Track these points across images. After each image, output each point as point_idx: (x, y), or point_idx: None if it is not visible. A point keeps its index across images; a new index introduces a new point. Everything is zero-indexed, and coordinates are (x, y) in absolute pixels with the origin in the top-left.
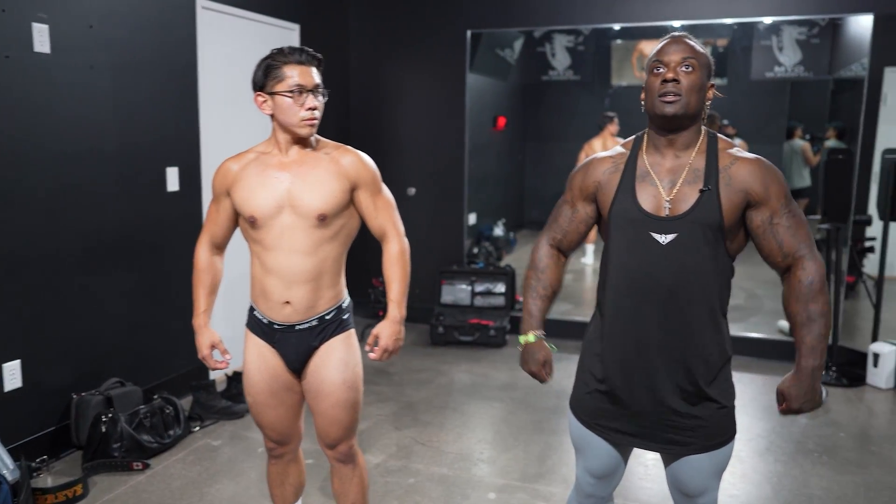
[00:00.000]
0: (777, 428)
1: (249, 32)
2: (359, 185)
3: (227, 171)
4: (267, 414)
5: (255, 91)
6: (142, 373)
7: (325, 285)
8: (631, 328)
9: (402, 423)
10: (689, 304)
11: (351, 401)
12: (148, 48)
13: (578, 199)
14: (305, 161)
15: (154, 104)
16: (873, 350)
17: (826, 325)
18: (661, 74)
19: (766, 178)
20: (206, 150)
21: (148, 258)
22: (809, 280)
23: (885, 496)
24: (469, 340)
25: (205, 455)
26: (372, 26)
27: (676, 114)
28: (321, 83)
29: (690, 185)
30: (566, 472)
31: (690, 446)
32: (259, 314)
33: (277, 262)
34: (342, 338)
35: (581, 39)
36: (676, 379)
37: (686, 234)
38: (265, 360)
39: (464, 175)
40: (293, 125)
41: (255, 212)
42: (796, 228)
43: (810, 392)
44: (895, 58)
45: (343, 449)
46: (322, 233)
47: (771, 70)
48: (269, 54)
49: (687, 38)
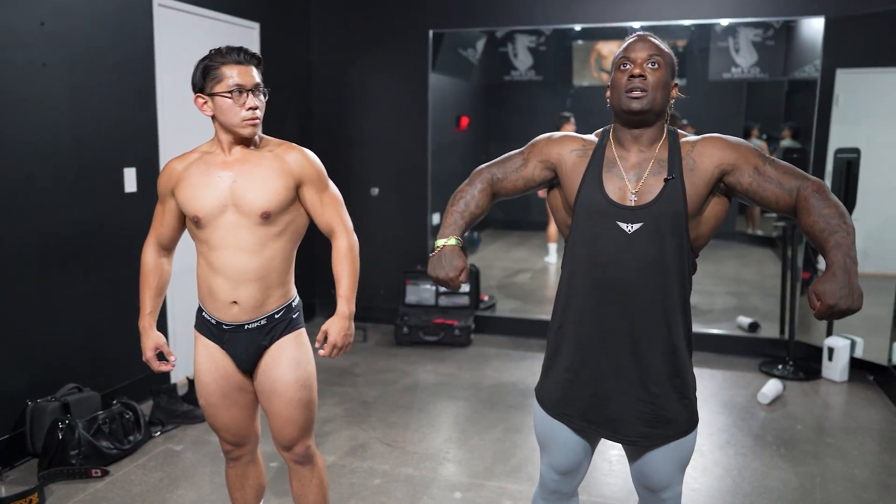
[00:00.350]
0: (737, 422)
1: (208, 31)
2: (304, 182)
3: (171, 172)
4: (221, 416)
5: (195, 93)
6: (100, 378)
7: (272, 284)
8: (596, 317)
9: (368, 424)
10: (654, 294)
11: (305, 399)
12: (103, 46)
13: (534, 158)
14: (248, 159)
15: (110, 104)
16: (828, 344)
17: (846, 224)
18: (627, 70)
19: (732, 143)
20: (164, 151)
21: (105, 260)
22: (814, 192)
23: (840, 486)
24: (434, 340)
25: (166, 460)
26: (333, 25)
27: (643, 109)
28: (261, 82)
29: (655, 177)
30: (532, 470)
31: (654, 437)
32: (207, 315)
33: (223, 262)
34: (292, 337)
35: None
36: (641, 368)
37: (651, 224)
38: (215, 361)
39: (427, 175)
40: (234, 125)
41: (198, 211)
42: (784, 167)
43: (847, 287)
44: (846, 60)
45: (300, 450)
46: (267, 231)
47: (728, 71)
48: (206, 55)
49: (652, 37)
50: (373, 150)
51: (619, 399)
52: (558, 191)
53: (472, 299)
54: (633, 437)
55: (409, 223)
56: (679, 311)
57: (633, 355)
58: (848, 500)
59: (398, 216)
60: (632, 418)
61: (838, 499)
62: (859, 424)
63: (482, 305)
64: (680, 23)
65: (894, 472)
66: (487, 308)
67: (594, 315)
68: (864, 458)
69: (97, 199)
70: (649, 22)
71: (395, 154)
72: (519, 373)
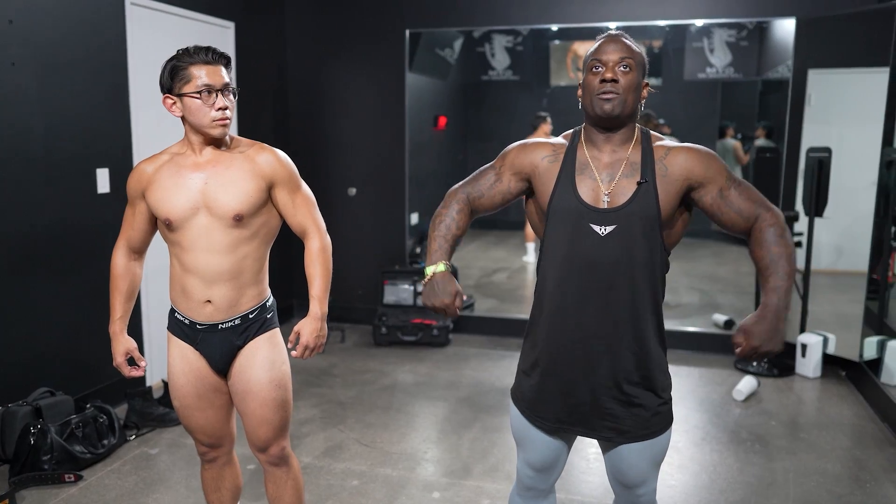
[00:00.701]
0: (713, 419)
1: (182, 30)
2: (276, 183)
3: (141, 174)
4: (195, 417)
5: (164, 93)
6: (73, 381)
7: (246, 283)
8: (571, 318)
9: (346, 425)
10: (627, 295)
11: (279, 400)
12: (74, 45)
13: (507, 171)
14: (220, 161)
15: (82, 103)
16: (801, 341)
17: (790, 267)
18: (599, 73)
19: (704, 159)
20: (138, 151)
21: (78, 262)
22: (770, 226)
23: (813, 480)
24: (412, 340)
25: (141, 464)
26: (309, 25)
27: (614, 112)
28: (230, 82)
29: (628, 179)
30: (510, 469)
31: (629, 434)
32: (180, 315)
33: (196, 262)
34: (266, 337)
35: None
36: (616, 368)
37: (624, 226)
38: (189, 362)
39: (405, 175)
40: (204, 126)
41: (169, 214)
42: (747, 192)
43: (772, 332)
44: (818, 60)
45: (275, 451)
46: (240, 232)
47: (703, 71)
48: (174, 55)
49: (623, 38)
50: (350, 150)
51: (593, 399)
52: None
53: None
54: (607, 436)
55: (386, 223)
56: (651, 311)
57: (607, 356)
58: (820, 494)
59: (376, 216)
60: (606, 417)
61: (811, 493)
62: (831, 420)
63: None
64: (655, 23)
65: (865, 466)
66: (466, 308)
67: (568, 316)
68: (836, 453)
69: (69, 199)
70: (625, 22)
71: (373, 154)
72: (497, 372)
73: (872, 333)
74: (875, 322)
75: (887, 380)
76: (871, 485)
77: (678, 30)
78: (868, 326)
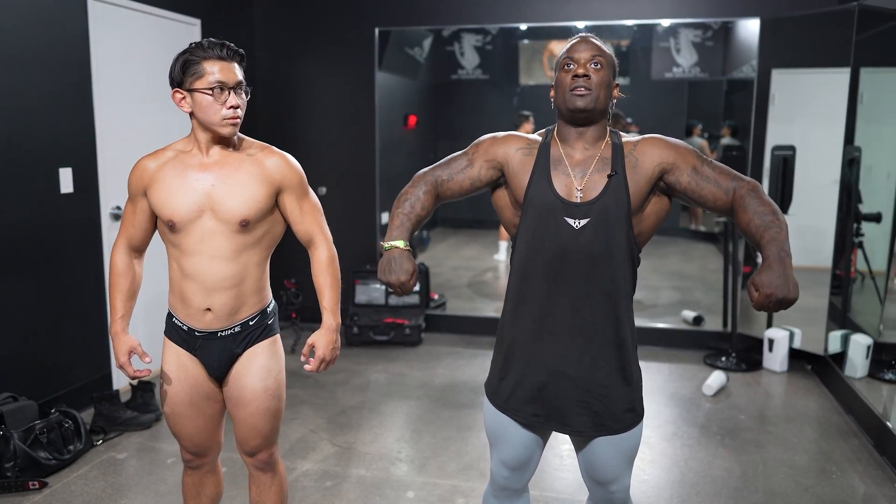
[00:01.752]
0: (683, 414)
1: (146, 27)
2: (284, 189)
3: (143, 170)
4: (186, 425)
5: (173, 87)
6: (37, 386)
7: (248, 291)
8: (545, 312)
9: (318, 426)
10: (601, 287)
11: (272, 409)
12: (35, 42)
13: (480, 158)
14: (227, 163)
15: (43, 102)
16: (768, 336)
17: (779, 220)
18: (571, 70)
19: (672, 143)
20: (102, 150)
21: (41, 264)
22: (750, 191)
23: (781, 472)
24: (384, 340)
25: (109, 469)
26: (278, 22)
27: (587, 107)
28: (243, 80)
29: (600, 173)
30: (484, 467)
31: (603, 427)
32: (178, 321)
33: (197, 268)
34: (266, 344)
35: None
36: (590, 361)
37: (597, 219)
38: (185, 369)
39: (375, 174)
40: (214, 124)
41: (173, 215)
42: (720, 168)
43: (783, 277)
44: (781, 60)
45: (263, 457)
46: (245, 238)
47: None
48: (187, 48)
49: (594, 39)
50: (319, 149)
51: (567, 392)
52: (504, 190)
53: (422, 298)
54: (580, 429)
55: (357, 223)
56: (625, 304)
57: (581, 348)
58: (789, 485)
59: (346, 216)
60: (579, 410)
61: (780, 485)
62: (798, 413)
63: (432, 304)
64: (623, 22)
65: (831, 457)
66: (438, 307)
67: (543, 309)
68: (803, 445)
69: (31, 200)
70: (593, 21)
71: (343, 153)
72: (470, 371)
73: (836, 328)
74: (839, 317)
75: (851, 373)
76: (837, 475)
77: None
78: (832, 321)
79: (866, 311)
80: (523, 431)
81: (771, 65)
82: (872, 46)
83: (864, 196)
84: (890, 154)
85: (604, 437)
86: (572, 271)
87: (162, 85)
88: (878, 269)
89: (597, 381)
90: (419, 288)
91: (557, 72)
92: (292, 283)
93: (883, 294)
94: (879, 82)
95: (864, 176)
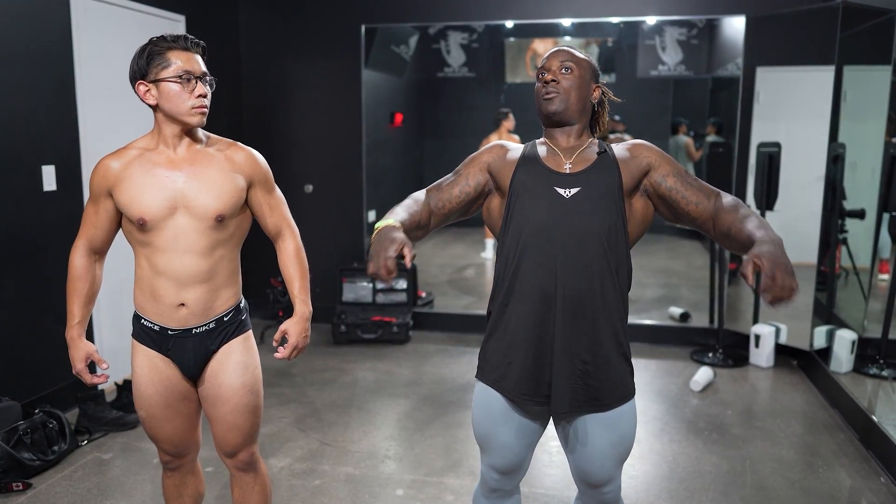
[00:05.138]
0: (671, 410)
1: (130, 23)
2: (254, 183)
3: (107, 170)
4: (162, 427)
5: (137, 80)
6: (20, 386)
7: (221, 285)
8: (540, 286)
9: (306, 425)
10: (594, 259)
11: (251, 405)
12: (17, 39)
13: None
14: (197, 159)
15: (26, 99)
16: (755, 332)
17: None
18: (543, 78)
19: (655, 150)
20: (86, 147)
21: (24, 262)
22: (729, 199)
23: (768, 467)
24: (372, 338)
25: (94, 470)
26: (263, 19)
27: (558, 110)
28: (207, 71)
29: (588, 154)
30: (473, 464)
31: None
32: (148, 321)
33: (170, 264)
34: (240, 340)
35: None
36: (584, 337)
37: (588, 188)
38: (157, 371)
39: (362, 171)
40: (182, 114)
41: (144, 214)
42: (702, 182)
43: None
44: (766, 58)
45: (244, 457)
46: (219, 234)
47: (655, 68)
48: (149, 41)
49: (568, 49)
50: (306, 146)
51: (564, 368)
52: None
53: (409, 296)
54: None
55: (344, 220)
56: (617, 277)
57: (575, 322)
58: (776, 479)
59: (333, 213)
60: (575, 387)
61: (767, 479)
62: (785, 408)
63: (420, 302)
64: (608, 20)
65: (817, 451)
66: (425, 304)
67: (538, 284)
68: (790, 440)
69: (12, 198)
70: (579, 18)
71: (329, 150)
72: (458, 368)
73: (821, 323)
74: (824, 312)
75: (836, 368)
76: (823, 469)
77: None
78: (817, 317)
79: (851, 306)
80: (514, 436)
81: (756, 62)
82: (856, 44)
83: (848, 193)
84: (873, 151)
85: (598, 429)
86: (566, 242)
87: None
88: (862, 265)
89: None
90: (406, 286)
91: (536, 84)
92: (279, 281)
93: (867, 290)
94: (863, 80)
95: (849, 173)
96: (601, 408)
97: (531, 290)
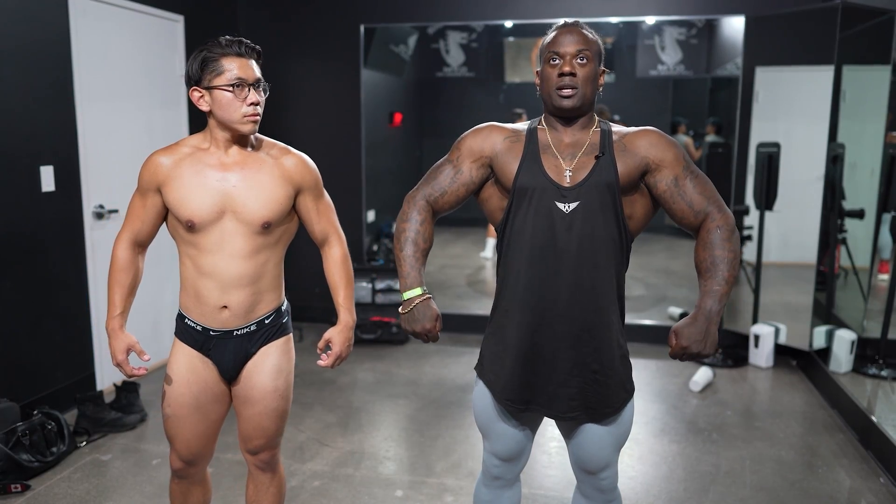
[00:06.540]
0: (670, 410)
1: (129, 23)
2: (302, 190)
3: (157, 166)
4: (185, 428)
5: (191, 86)
6: (19, 387)
7: (264, 288)
8: (540, 296)
9: (306, 425)
10: (593, 271)
11: (280, 410)
12: (14, 39)
13: (467, 160)
14: (247, 163)
15: (23, 99)
16: (754, 332)
17: (731, 271)
18: (557, 66)
19: (662, 142)
20: (84, 148)
21: (23, 263)
22: (717, 228)
23: (768, 467)
24: (371, 338)
25: (93, 471)
26: (262, 18)
27: (575, 106)
28: (262, 77)
29: (588, 156)
30: (472, 465)
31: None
32: (191, 321)
33: (215, 266)
34: (280, 343)
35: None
36: (582, 344)
37: (586, 202)
38: (195, 371)
39: (361, 171)
40: (234, 122)
41: (193, 215)
42: (702, 186)
43: (703, 334)
44: (765, 58)
45: (264, 457)
46: (265, 239)
47: (654, 68)
48: (204, 45)
49: (580, 27)
50: (304, 146)
51: (564, 376)
52: (490, 183)
53: None
54: (574, 414)
55: (343, 220)
56: (617, 290)
57: (575, 332)
58: (776, 480)
59: None
60: (575, 395)
61: (767, 479)
62: (784, 408)
63: None
64: (608, 19)
65: (817, 451)
66: None
67: (538, 294)
68: (789, 441)
69: (11, 198)
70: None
71: (328, 151)
72: (457, 369)
73: (821, 323)
74: (823, 312)
75: (836, 368)
76: (822, 470)
77: (630, 27)
78: (817, 317)
79: (850, 306)
80: (514, 425)
81: (755, 62)
82: (855, 44)
83: (847, 193)
84: (873, 151)
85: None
86: (565, 255)
87: (145, 81)
88: (861, 265)
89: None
90: None
91: (543, 64)
92: None
93: (866, 290)
94: (862, 80)
95: (848, 173)
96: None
97: (530, 301)
